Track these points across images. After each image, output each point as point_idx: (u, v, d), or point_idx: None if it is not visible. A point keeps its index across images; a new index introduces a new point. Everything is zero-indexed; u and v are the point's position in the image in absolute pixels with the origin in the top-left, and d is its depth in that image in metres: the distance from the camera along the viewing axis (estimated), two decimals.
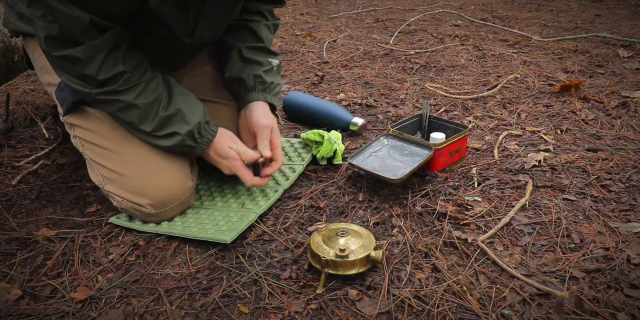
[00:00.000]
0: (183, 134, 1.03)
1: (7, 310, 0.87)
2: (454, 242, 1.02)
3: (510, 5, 3.68)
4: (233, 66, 1.19)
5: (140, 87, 0.99)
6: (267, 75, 1.19)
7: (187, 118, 1.03)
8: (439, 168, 1.28)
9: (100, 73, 0.94)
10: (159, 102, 1.01)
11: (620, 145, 1.43)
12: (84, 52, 0.91)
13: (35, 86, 1.96)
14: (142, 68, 1.01)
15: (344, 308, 0.86)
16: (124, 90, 0.98)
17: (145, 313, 0.86)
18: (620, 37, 2.55)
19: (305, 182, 1.28)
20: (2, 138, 1.52)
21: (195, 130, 1.04)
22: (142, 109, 1.00)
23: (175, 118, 1.03)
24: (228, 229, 1.05)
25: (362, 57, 2.37)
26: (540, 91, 1.87)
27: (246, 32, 1.21)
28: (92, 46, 0.91)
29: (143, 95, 0.99)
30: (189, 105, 1.05)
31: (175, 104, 1.03)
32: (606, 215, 1.11)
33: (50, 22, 0.88)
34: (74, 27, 0.89)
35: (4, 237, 1.07)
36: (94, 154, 1.10)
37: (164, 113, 1.01)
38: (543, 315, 0.84)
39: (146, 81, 1.00)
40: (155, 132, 1.03)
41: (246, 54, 1.18)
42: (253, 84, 1.17)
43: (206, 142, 1.07)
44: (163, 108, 1.01)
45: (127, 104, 0.99)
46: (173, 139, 1.04)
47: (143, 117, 1.01)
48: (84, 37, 0.90)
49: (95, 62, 0.93)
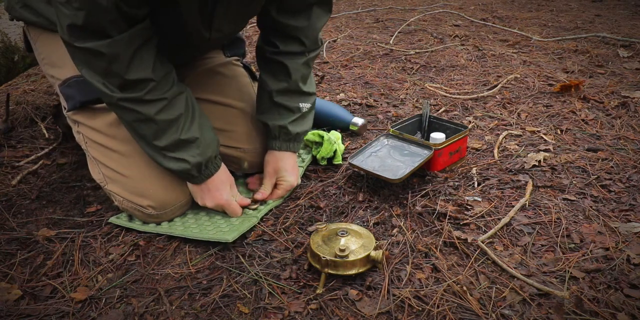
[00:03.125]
0: (192, 164, 1.00)
1: (7, 310, 0.87)
2: (454, 242, 1.02)
3: (510, 5, 3.69)
4: (263, 109, 1.18)
5: (164, 103, 0.95)
6: (294, 125, 1.16)
7: (202, 148, 1.01)
8: (439, 168, 1.28)
9: (129, 71, 0.88)
10: (179, 122, 0.97)
11: (620, 145, 1.43)
12: (109, 46, 0.85)
13: (36, 86, 1.96)
14: (170, 80, 0.97)
15: (344, 308, 0.86)
16: (148, 101, 0.93)
17: (145, 313, 0.86)
18: (620, 37, 2.55)
19: (305, 182, 1.28)
20: (2, 138, 1.52)
21: (203, 163, 1.02)
22: (160, 125, 0.96)
23: (191, 145, 1.00)
24: (229, 229, 1.05)
25: (362, 57, 2.37)
26: (540, 91, 1.87)
27: (279, 69, 1.14)
28: (119, 40, 0.85)
29: (165, 112, 0.95)
30: (207, 136, 1.03)
31: (195, 130, 1.00)
32: (606, 215, 1.11)
33: (76, 9, 0.81)
34: (101, 16, 0.81)
35: (4, 237, 1.07)
36: (97, 153, 1.09)
37: (182, 136, 0.98)
38: (543, 315, 0.84)
39: (170, 97, 0.96)
40: (166, 151, 0.99)
41: (276, 98, 1.15)
42: (277, 133, 1.16)
43: (207, 175, 1.05)
44: (182, 130, 0.98)
45: (147, 117, 0.94)
46: (181, 164, 1.00)
47: (159, 134, 0.97)
48: (111, 29, 0.84)
49: (123, 59, 0.87)
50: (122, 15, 0.83)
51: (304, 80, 1.17)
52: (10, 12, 1.14)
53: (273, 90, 1.15)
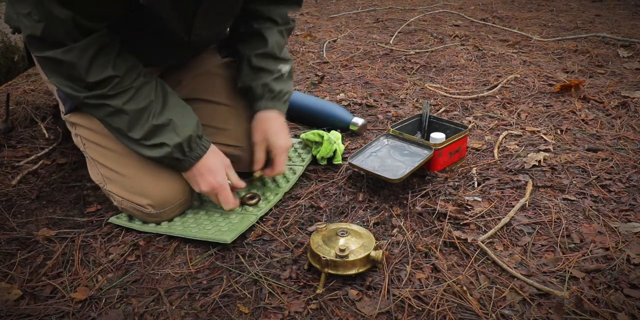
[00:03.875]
0: (171, 146, 1.00)
1: (7, 310, 0.87)
2: (454, 242, 1.02)
3: (510, 5, 3.69)
4: (244, 75, 1.20)
5: (130, 93, 0.96)
6: (276, 83, 1.18)
7: (178, 129, 1.00)
8: (439, 168, 1.28)
9: (89, 75, 0.91)
10: (150, 109, 0.98)
11: (620, 145, 1.43)
12: (65, 54, 0.89)
13: (36, 86, 1.96)
14: (135, 73, 0.98)
15: (344, 308, 0.86)
16: (114, 95, 0.95)
17: (145, 313, 0.87)
18: (620, 37, 2.55)
19: (305, 182, 1.28)
20: (2, 138, 1.52)
21: (184, 143, 1.01)
22: (131, 115, 0.97)
23: (165, 128, 0.99)
24: (228, 229, 1.05)
25: (362, 57, 2.37)
26: (540, 91, 1.87)
27: (256, 39, 1.19)
28: (75, 48, 0.89)
29: (133, 101, 0.96)
30: (182, 117, 1.02)
31: (167, 114, 1.00)
32: (606, 215, 1.11)
33: (35, 21, 0.85)
34: (57, 28, 0.86)
35: (4, 237, 1.07)
36: (95, 153, 1.10)
37: (155, 122, 0.98)
38: (543, 315, 0.84)
39: (137, 87, 0.97)
40: (144, 140, 1.00)
41: (255, 62, 1.18)
42: (261, 92, 1.18)
43: (195, 157, 1.04)
44: (154, 116, 0.98)
45: (116, 109, 0.96)
46: (161, 150, 1.00)
47: (132, 124, 0.98)
48: (66, 39, 0.88)
49: (81, 64, 0.90)
50: (78, 28, 0.87)
51: (279, 48, 1.20)
52: (9, 22, 1.17)
53: (251, 55, 1.18)
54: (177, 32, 1.03)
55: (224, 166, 1.08)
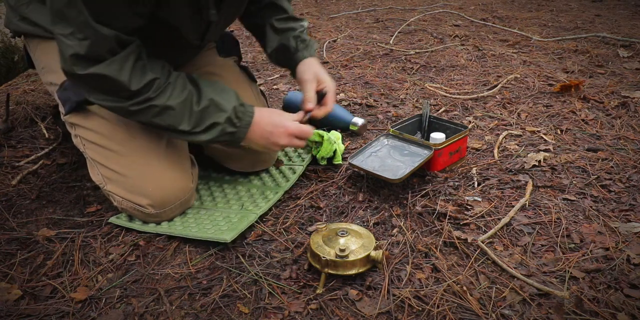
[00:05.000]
0: (223, 122, 1.01)
1: (7, 310, 0.87)
2: (454, 242, 1.02)
3: (510, 5, 3.69)
4: (271, 41, 1.24)
5: (170, 89, 0.99)
6: (304, 34, 1.25)
7: (221, 106, 1.02)
8: (439, 168, 1.28)
9: (132, 84, 0.93)
10: (190, 98, 1.00)
11: (620, 145, 1.43)
12: (109, 68, 0.91)
13: (36, 86, 1.96)
14: (167, 70, 1.01)
15: (344, 308, 0.86)
16: (157, 95, 0.97)
17: (145, 313, 0.87)
18: (620, 37, 2.55)
19: (305, 182, 1.28)
20: (2, 138, 1.52)
21: (232, 116, 1.02)
22: (177, 109, 0.99)
23: (210, 109, 1.01)
24: (228, 228, 1.05)
25: (362, 57, 2.37)
26: (540, 91, 1.87)
27: (270, 8, 1.25)
28: (115, 61, 0.91)
29: (175, 96, 0.99)
30: (220, 93, 1.04)
31: (206, 96, 1.02)
32: (606, 215, 1.11)
33: (80, 39, 0.88)
34: (102, 44, 0.89)
35: (4, 237, 1.07)
36: (95, 154, 1.10)
37: (199, 107, 1.00)
38: (543, 315, 0.84)
39: (173, 82, 1.00)
40: (195, 128, 1.01)
41: (279, 25, 1.23)
42: (295, 45, 1.21)
43: (246, 125, 1.04)
44: (196, 103, 1.01)
45: (162, 107, 0.98)
46: (214, 130, 1.02)
47: (180, 117, 1.00)
48: (108, 54, 0.91)
49: (124, 75, 0.93)
50: (119, 43, 0.91)
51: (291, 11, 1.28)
52: (9, 26, 1.19)
53: (273, 22, 1.23)
54: (190, 40, 1.07)
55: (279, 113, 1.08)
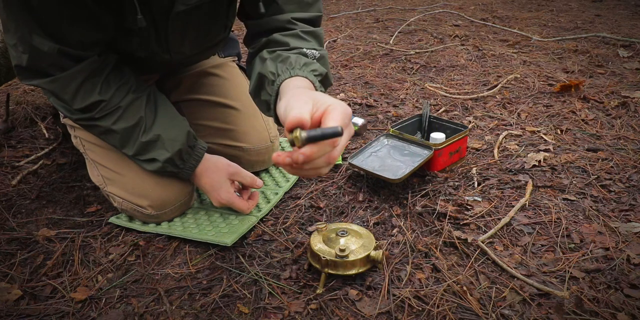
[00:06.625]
0: (162, 161, 1.01)
1: (7, 310, 0.87)
2: (454, 242, 1.02)
3: (510, 5, 3.68)
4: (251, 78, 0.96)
5: (118, 113, 0.97)
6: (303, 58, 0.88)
7: (166, 144, 1.00)
8: (439, 168, 1.28)
9: (74, 103, 0.94)
10: (140, 126, 0.99)
11: (620, 145, 1.43)
12: (50, 84, 0.91)
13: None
14: (124, 91, 0.98)
15: (344, 308, 0.86)
16: (102, 117, 0.97)
17: (145, 313, 0.86)
18: (620, 37, 2.55)
19: (305, 182, 1.28)
20: (2, 138, 1.52)
21: (175, 157, 1.01)
22: (121, 133, 0.98)
23: (154, 144, 1.00)
24: (229, 231, 1.05)
25: (362, 57, 2.37)
26: (540, 91, 1.87)
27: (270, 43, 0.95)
28: (59, 79, 0.91)
29: (122, 121, 0.97)
30: (171, 130, 1.01)
31: (156, 129, 1.00)
32: (606, 215, 1.11)
33: (20, 52, 0.87)
34: (42, 60, 0.88)
35: (4, 237, 1.07)
36: (95, 155, 1.10)
37: (144, 138, 0.99)
38: (543, 315, 0.83)
39: (125, 106, 0.97)
40: (137, 155, 1.02)
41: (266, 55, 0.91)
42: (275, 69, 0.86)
43: (190, 168, 1.05)
44: (143, 133, 0.99)
45: (106, 129, 0.98)
46: (154, 164, 1.02)
47: (124, 141, 1.00)
48: (53, 69, 0.90)
49: (67, 92, 0.92)
50: (66, 57, 0.89)
51: None
52: None
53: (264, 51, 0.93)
54: (159, 53, 1.03)
55: (225, 179, 1.07)
